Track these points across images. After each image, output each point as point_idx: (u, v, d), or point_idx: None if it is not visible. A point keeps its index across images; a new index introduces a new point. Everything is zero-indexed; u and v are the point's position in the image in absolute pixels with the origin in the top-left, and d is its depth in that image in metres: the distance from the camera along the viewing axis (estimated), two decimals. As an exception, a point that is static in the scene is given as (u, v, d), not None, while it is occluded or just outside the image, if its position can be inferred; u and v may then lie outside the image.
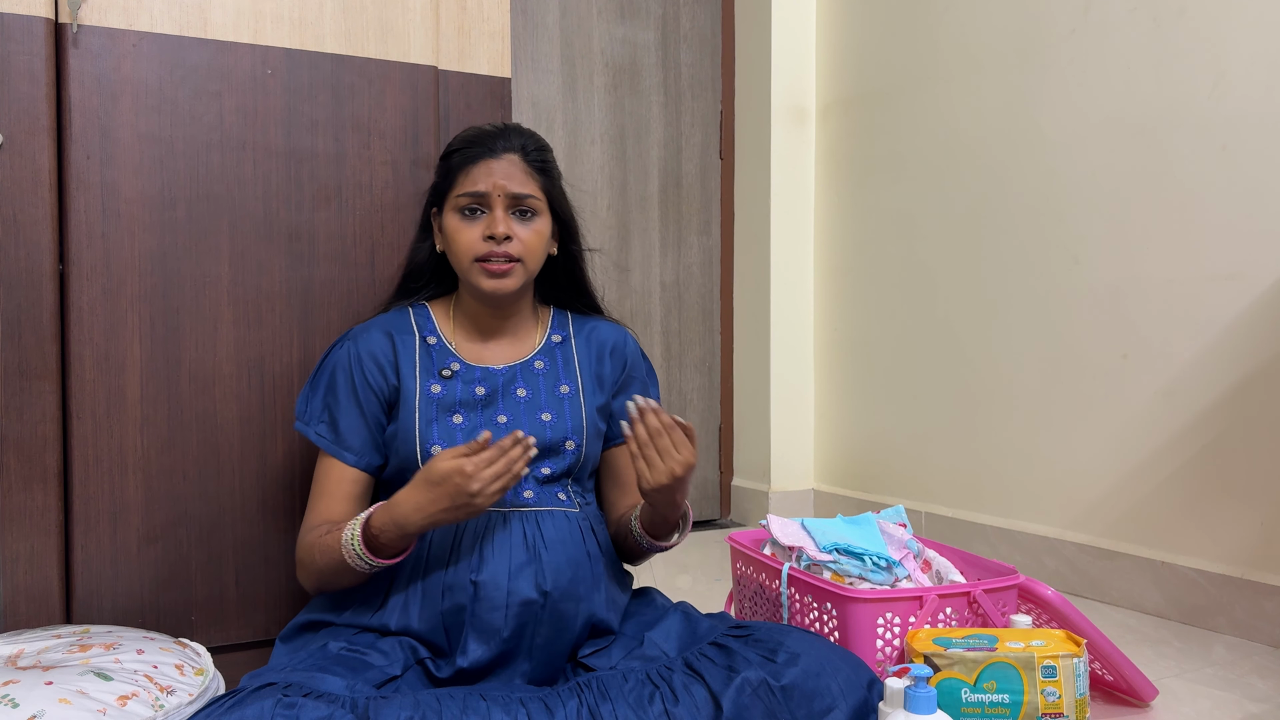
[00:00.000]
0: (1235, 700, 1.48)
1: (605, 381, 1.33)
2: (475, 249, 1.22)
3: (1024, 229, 2.20)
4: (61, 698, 1.01)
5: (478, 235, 1.22)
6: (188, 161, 1.33)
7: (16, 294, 1.25)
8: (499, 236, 1.21)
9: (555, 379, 1.30)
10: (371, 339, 1.26)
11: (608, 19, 2.68)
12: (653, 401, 1.15)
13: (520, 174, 1.24)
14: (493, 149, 1.24)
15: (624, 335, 1.37)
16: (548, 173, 1.27)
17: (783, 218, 2.74)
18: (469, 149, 1.25)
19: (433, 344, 1.28)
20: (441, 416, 1.23)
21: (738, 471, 2.88)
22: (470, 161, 1.24)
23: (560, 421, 1.26)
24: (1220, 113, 1.84)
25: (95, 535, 1.29)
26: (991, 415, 2.29)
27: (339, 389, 1.24)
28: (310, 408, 1.26)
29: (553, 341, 1.33)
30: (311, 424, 1.25)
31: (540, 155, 1.27)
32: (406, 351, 1.26)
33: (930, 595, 1.32)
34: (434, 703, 0.99)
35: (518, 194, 1.23)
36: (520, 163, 1.25)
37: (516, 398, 1.26)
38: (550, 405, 1.27)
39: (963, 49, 2.34)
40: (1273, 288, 1.77)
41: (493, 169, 1.23)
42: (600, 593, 1.21)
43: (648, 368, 1.40)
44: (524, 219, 1.24)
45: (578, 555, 1.20)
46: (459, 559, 1.16)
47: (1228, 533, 1.83)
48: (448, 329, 1.30)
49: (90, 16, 1.27)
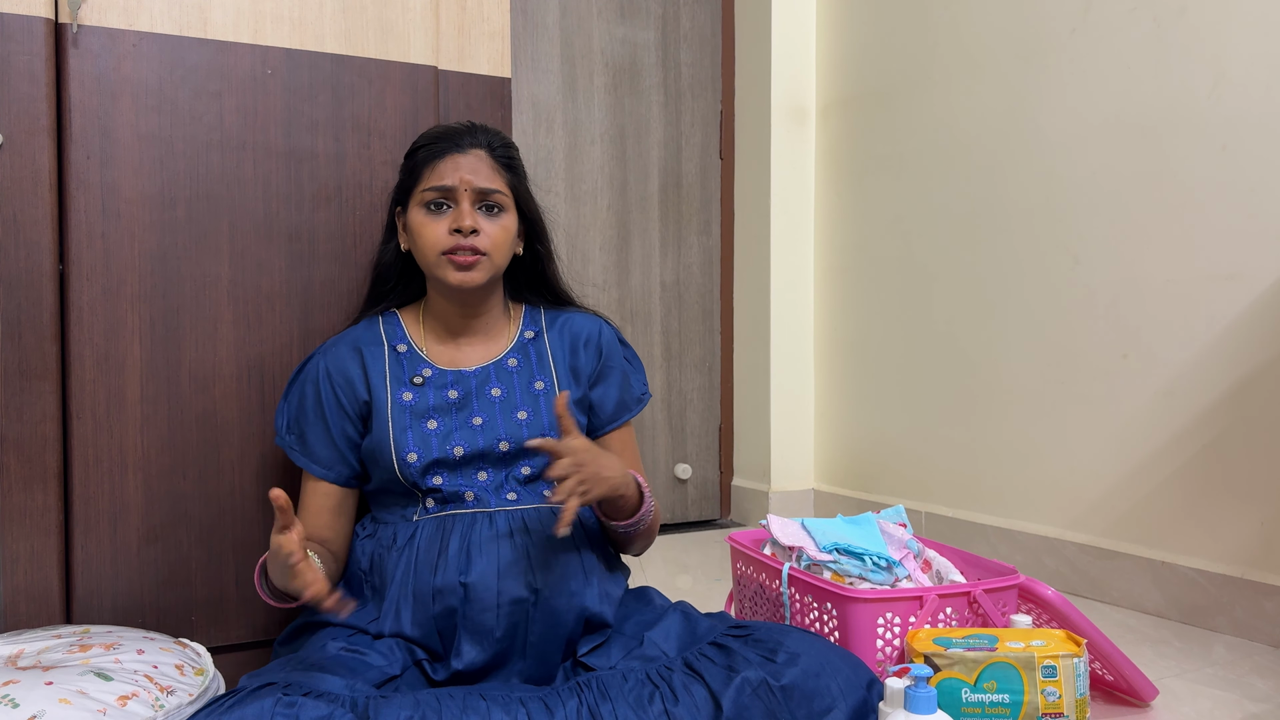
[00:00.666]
0: (1235, 700, 1.48)
1: (581, 374, 1.33)
2: (441, 242, 1.22)
3: (1024, 229, 2.20)
4: (62, 698, 1.01)
5: (444, 229, 1.22)
6: (188, 161, 1.33)
7: (16, 294, 1.25)
8: (465, 229, 1.21)
9: (530, 376, 1.29)
10: (340, 355, 1.27)
11: (608, 19, 2.68)
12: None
13: (487, 169, 1.24)
14: (459, 144, 1.24)
15: (598, 324, 1.36)
16: (514, 169, 1.28)
17: (783, 218, 2.74)
18: (435, 145, 1.25)
19: (403, 352, 1.28)
20: (415, 423, 1.23)
21: (738, 471, 2.88)
22: (436, 157, 1.24)
23: (536, 419, 1.26)
24: (1220, 113, 1.84)
25: (95, 535, 1.29)
26: (991, 415, 2.29)
27: (307, 404, 1.26)
28: (284, 421, 1.29)
29: (525, 338, 1.32)
30: (284, 436, 1.28)
31: (506, 152, 1.27)
32: (376, 364, 1.26)
33: (930, 595, 1.32)
34: (434, 702, 0.99)
35: (484, 188, 1.23)
36: (487, 158, 1.25)
37: (491, 398, 1.26)
38: (525, 403, 1.27)
39: (962, 49, 2.34)
40: (1273, 288, 1.77)
41: (459, 164, 1.23)
42: (592, 586, 1.21)
43: (628, 354, 1.39)
44: (490, 214, 1.24)
45: (566, 550, 1.20)
46: (448, 562, 1.17)
47: (1228, 533, 1.83)
48: (418, 334, 1.30)
49: (90, 16, 1.27)
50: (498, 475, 1.24)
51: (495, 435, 1.24)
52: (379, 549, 1.23)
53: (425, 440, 1.22)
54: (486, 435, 1.24)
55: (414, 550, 1.19)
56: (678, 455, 2.80)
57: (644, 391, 1.39)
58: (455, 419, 1.24)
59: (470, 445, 1.23)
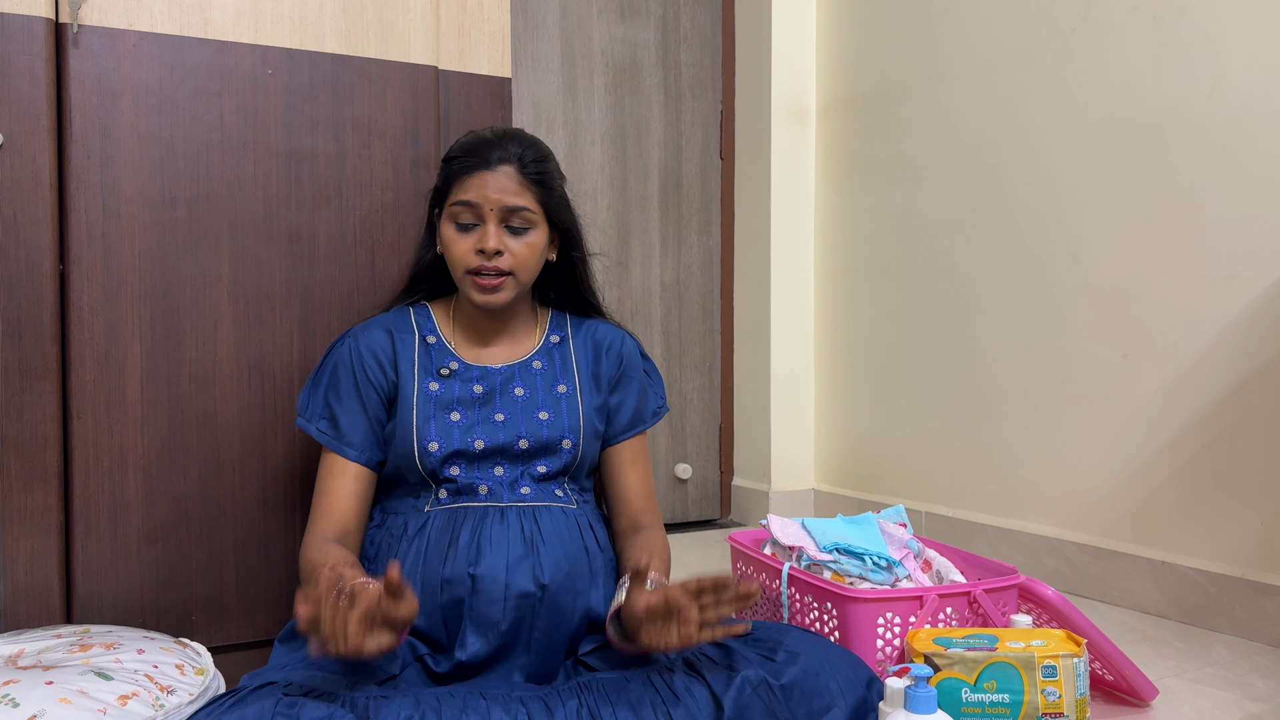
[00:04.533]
0: (1235, 700, 1.48)
1: (602, 381, 1.33)
2: (467, 261, 1.22)
3: (1024, 228, 2.20)
4: (62, 697, 1.01)
5: (470, 248, 1.22)
6: (188, 161, 1.33)
7: (16, 294, 1.25)
8: (489, 251, 1.21)
9: (553, 379, 1.30)
10: (372, 336, 1.27)
11: (608, 19, 2.68)
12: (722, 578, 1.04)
13: (515, 186, 1.23)
14: (488, 160, 1.23)
15: (621, 335, 1.37)
16: (545, 184, 1.26)
17: (783, 218, 2.74)
18: (465, 158, 1.24)
19: (432, 343, 1.29)
20: (439, 414, 1.24)
21: (738, 471, 2.88)
22: (465, 172, 1.23)
23: (557, 420, 1.27)
24: (1220, 112, 1.84)
25: (95, 535, 1.29)
26: (991, 415, 2.29)
27: (341, 385, 1.25)
28: (312, 404, 1.27)
29: (551, 342, 1.33)
30: (313, 420, 1.26)
31: (537, 166, 1.25)
32: (405, 349, 1.27)
33: (930, 595, 1.32)
34: (434, 702, 0.99)
35: (511, 207, 1.22)
36: (515, 175, 1.23)
37: (514, 396, 1.27)
38: (547, 404, 1.27)
39: (963, 48, 2.34)
40: (1273, 287, 1.77)
41: (486, 182, 1.22)
42: (598, 588, 1.21)
43: (648, 367, 1.40)
44: (516, 234, 1.24)
45: (575, 550, 1.21)
46: (457, 553, 1.17)
47: (1228, 533, 1.83)
48: (447, 329, 1.31)
49: (90, 16, 1.27)
50: (513, 471, 1.24)
51: (516, 432, 1.24)
52: (388, 539, 1.23)
53: (447, 431, 1.23)
54: (507, 431, 1.24)
55: (425, 540, 1.19)
56: (678, 455, 2.81)
57: (660, 405, 1.39)
58: (478, 413, 1.25)
59: (491, 440, 1.23)
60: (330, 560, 1.12)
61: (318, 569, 1.10)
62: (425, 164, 1.45)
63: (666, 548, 1.29)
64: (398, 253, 1.44)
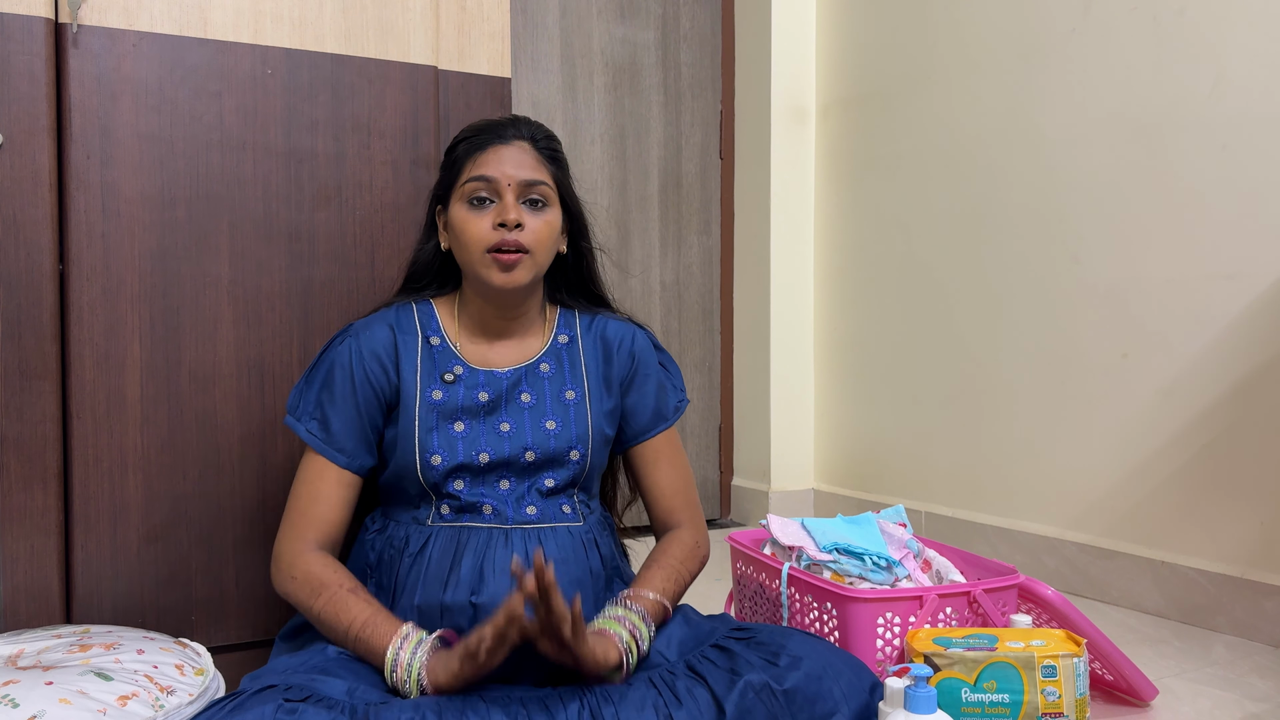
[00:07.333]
0: (1235, 700, 1.48)
1: (614, 382, 1.29)
2: (486, 238, 1.18)
3: (1024, 228, 2.20)
4: (62, 698, 1.01)
5: (488, 225, 1.18)
6: (188, 161, 1.33)
7: (16, 294, 1.25)
8: (510, 223, 1.17)
9: (561, 384, 1.26)
10: (374, 335, 1.22)
11: (608, 19, 2.68)
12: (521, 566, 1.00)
13: (531, 161, 1.21)
14: (503, 135, 1.21)
15: (632, 331, 1.32)
16: (558, 162, 1.24)
17: (782, 218, 2.74)
18: (477, 136, 1.22)
19: (435, 345, 1.24)
20: (442, 425, 1.20)
21: (738, 471, 2.88)
22: (479, 149, 1.21)
23: (565, 430, 1.23)
24: (1220, 112, 1.84)
25: (95, 535, 1.29)
26: (991, 415, 2.29)
27: (335, 387, 1.20)
28: (303, 403, 1.22)
29: (559, 343, 1.29)
30: (303, 420, 1.21)
31: (549, 144, 1.24)
32: (408, 352, 1.23)
33: (930, 595, 1.32)
34: (434, 705, 0.98)
35: (529, 180, 1.19)
36: (531, 150, 1.22)
37: (520, 404, 1.23)
38: (555, 412, 1.24)
39: (963, 49, 2.34)
40: (1273, 287, 1.77)
41: (503, 155, 1.20)
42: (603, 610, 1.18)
43: (664, 359, 1.35)
44: (535, 209, 1.20)
45: (581, 575, 1.18)
46: (459, 579, 1.14)
47: (1228, 533, 1.83)
48: (451, 328, 1.26)
49: (90, 16, 1.27)
50: (520, 486, 1.21)
51: (522, 444, 1.20)
52: (389, 549, 1.20)
53: (451, 444, 1.18)
54: (513, 443, 1.20)
55: (425, 562, 1.16)
56: (678, 455, 2.80)
57: (681, 399, 1.35)
58: (483, 424, 1.20)
59: (496, 452, 1.19)
60: (346, 583, 1.13)
61: (337, 590, 1.12)
62: (425, 164, 1.45)
63: (684, 550, 1.26)
64: (398, 252, 1.44)
